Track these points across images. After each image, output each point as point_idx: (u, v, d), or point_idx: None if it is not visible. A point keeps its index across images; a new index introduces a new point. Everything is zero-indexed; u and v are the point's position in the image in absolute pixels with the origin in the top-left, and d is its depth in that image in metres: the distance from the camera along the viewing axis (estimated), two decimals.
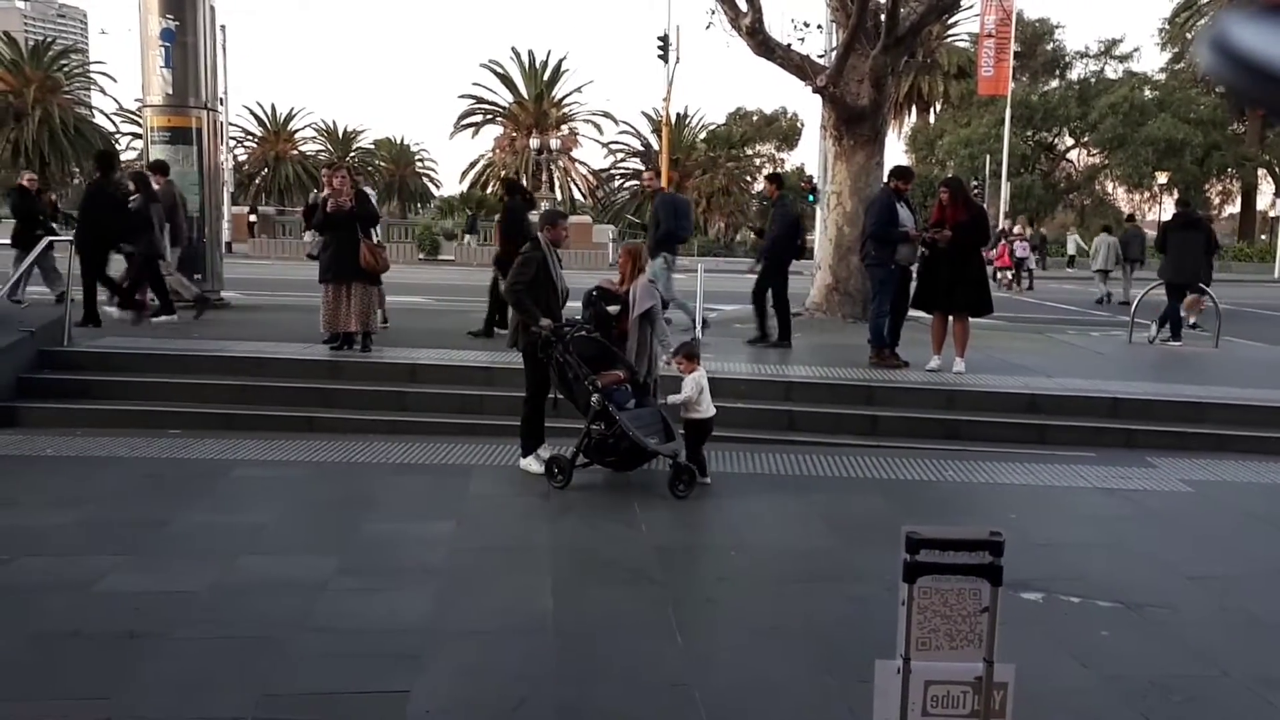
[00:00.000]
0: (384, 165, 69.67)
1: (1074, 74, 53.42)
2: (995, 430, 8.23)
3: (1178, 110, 44.94)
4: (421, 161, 73.73)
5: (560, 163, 58.48)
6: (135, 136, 50.44)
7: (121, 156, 50.31)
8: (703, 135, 58.00)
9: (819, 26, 16.54)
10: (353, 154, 66.10)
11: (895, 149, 53.43)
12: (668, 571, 5.10)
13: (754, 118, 59.88)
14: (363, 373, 9.01)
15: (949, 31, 51.79)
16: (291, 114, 65.62)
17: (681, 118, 54.88)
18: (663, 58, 34.99)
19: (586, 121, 60.13)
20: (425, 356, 9.43)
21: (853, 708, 3.50)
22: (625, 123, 59.88)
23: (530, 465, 6.69)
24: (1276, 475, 7.41)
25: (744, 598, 4.78)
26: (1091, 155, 52.01)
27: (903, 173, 10.06)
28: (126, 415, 8.07)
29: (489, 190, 51.02)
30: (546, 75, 58.74)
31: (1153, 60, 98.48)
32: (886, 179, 10.42)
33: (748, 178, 57.20)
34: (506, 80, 59.29)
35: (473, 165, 60.38)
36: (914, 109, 55.74)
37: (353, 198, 9.32)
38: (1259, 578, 5.24)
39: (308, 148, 66.16)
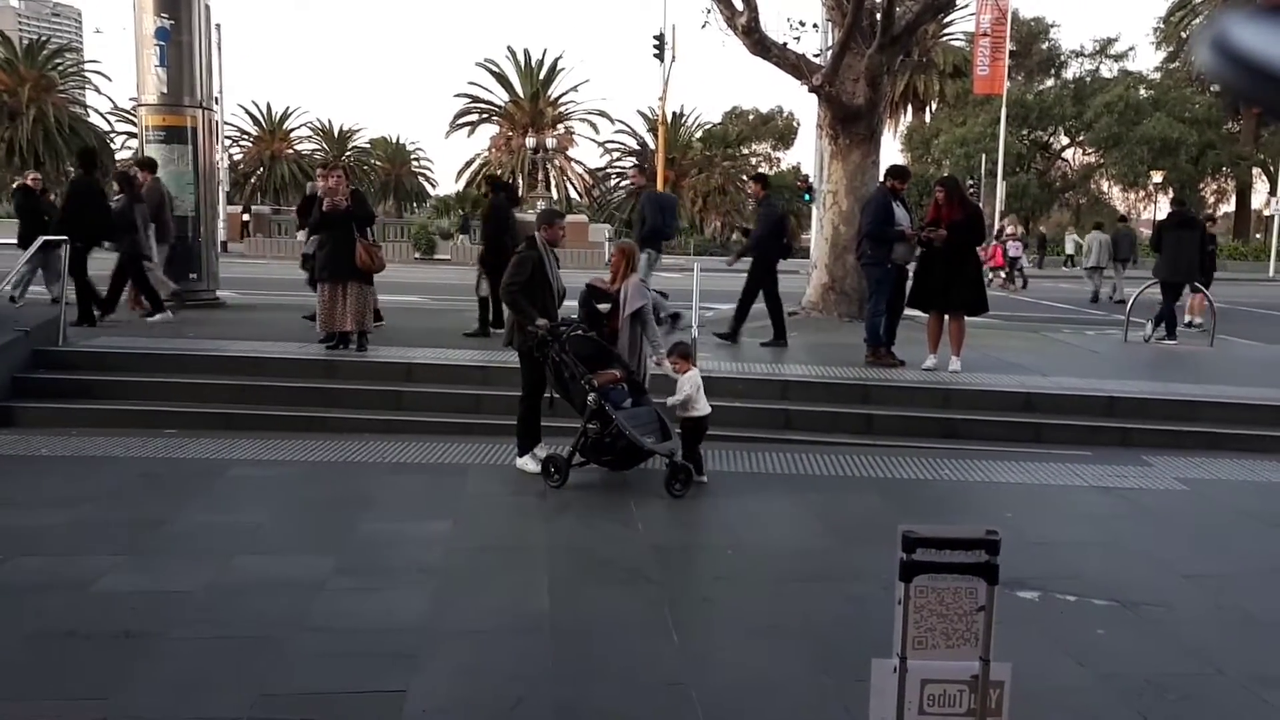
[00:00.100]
0: (380, 164, 69.63)
1: (1069, 73, 53.65)
2: (991, 429, 8.24)
3: (1173, 109, 45.04)
4: (417, 160, 73.74)
5: (556, 162, 58.43)
6: (130, 135, 50.39)
7: (116, 155, 50.42)
8: (699, 134, 57.99)
9: (815, 25, 16.54)
10: (348, 153, 66.05)
11: (891, 148, 53.63)
12: (664, 571, 5.10)
13: (750, 117, 59.92)
14: (359, 372, 9.01)
15: (944, 30, 51.85)
16: (287, 113, 65.69)
17: (677, 117, 54.89)
18: (658, 57, 34.99)
19: (582, 120, 60.18)
20: (421, 356, 9.43)
21: (849, 707, 3.50)
22: (621, 122, 60.16)
23: (526, 464, 6.69)
24: (1271, 473, 7.43)
25: (741, 597, 4.78)
26: (1087, 154, 52.13)
27: (899, 172, 10.07)
28: (122, 415, 8.06)
29: (484, 190, 50.87)
30: (542, 74, 58.70)
31: (1148, 59, 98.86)
32: (883, 178, 10.42)
33: (744, 177, 57.16)
34: (502, 79, 59.27)
35: (469, 164, 60.35)
36: (910, 108, 55.82)
37: (349, 197, 9.32)
38: (1254, 576, 5.26)
39: (303, 147, 66.16)
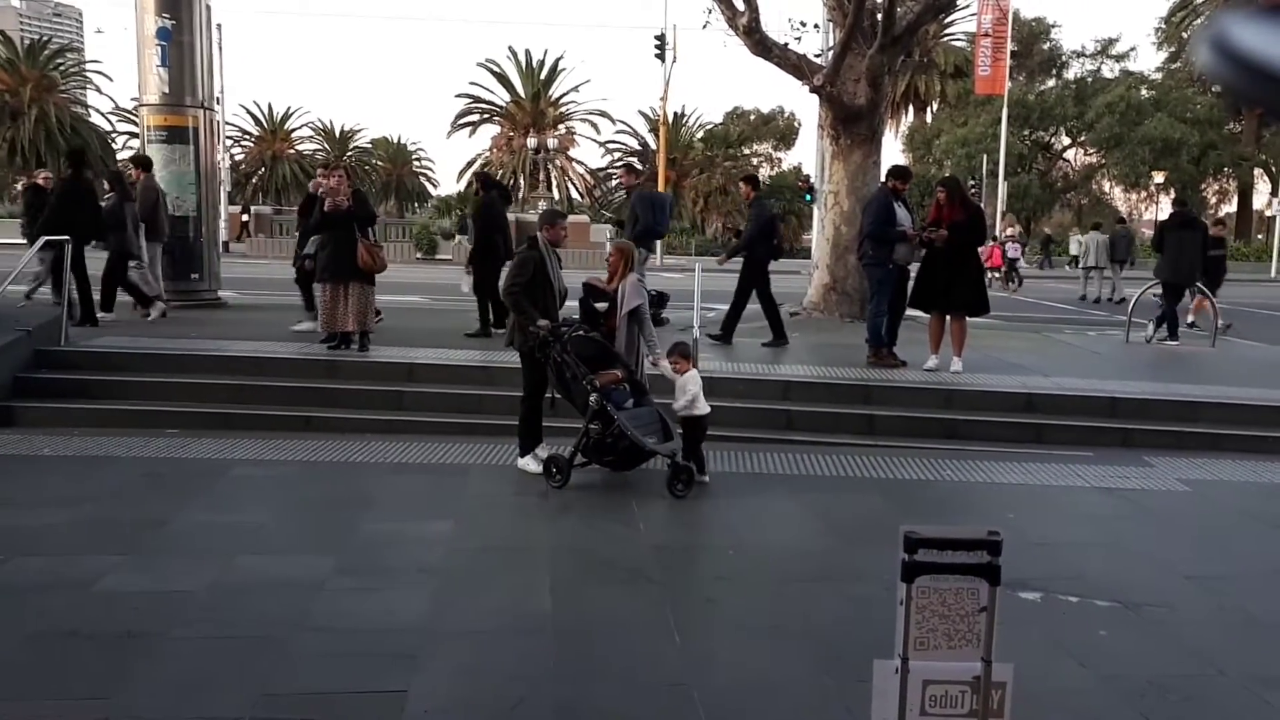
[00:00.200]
0: (381, 164, 69.62)
1: (1070, 73, 53.61)
2: (993, 430, 8.24)
3: (1174, 110, 45.02)
4: (419, 161, 73.72)
5: (557, 162, 58.44)
6: (132, 135, 50.39)
7: (118, 155, 50.46)
8: (700, 135, 57.94)
9: (816, 26, 16.59)
10: (350, 153, 66.04)
11: (892, 148, 53.56)
12: (666, 571, 5.10)
13: (751, 117, 59.84)
14: (360, 372, 9.01)
15: (946, 31, 51.83)
16: (288, 113, 65.63)
17: (679, 117, 54.87)
18: (660, 57, 35.08)
19: (584, 121, 60.14)
20: (423, 356, 9.43)
21: (851, 707, 3.50)
22: (622, 122, 59.99)
23: (528, 465, 6.69)
24: (1274, 474, 7.42)
25: (742, 597, 4.78)
26: (1088, 155, 52.10)
27: (900, 172, 10.06)
28: (124, 415, 8.06)
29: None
30: (543, 74, 58.69)
31: (1149, 60, 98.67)
32: (884, 178, 10.41)
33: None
34: (503, 79, 59.26)
35: (470, 165, 60.25)
36: (911, 108, 55.79)
37: (350, 197, 9.33)
38: (1256, 577, 5.26)
39: (305, 147, 66.10)
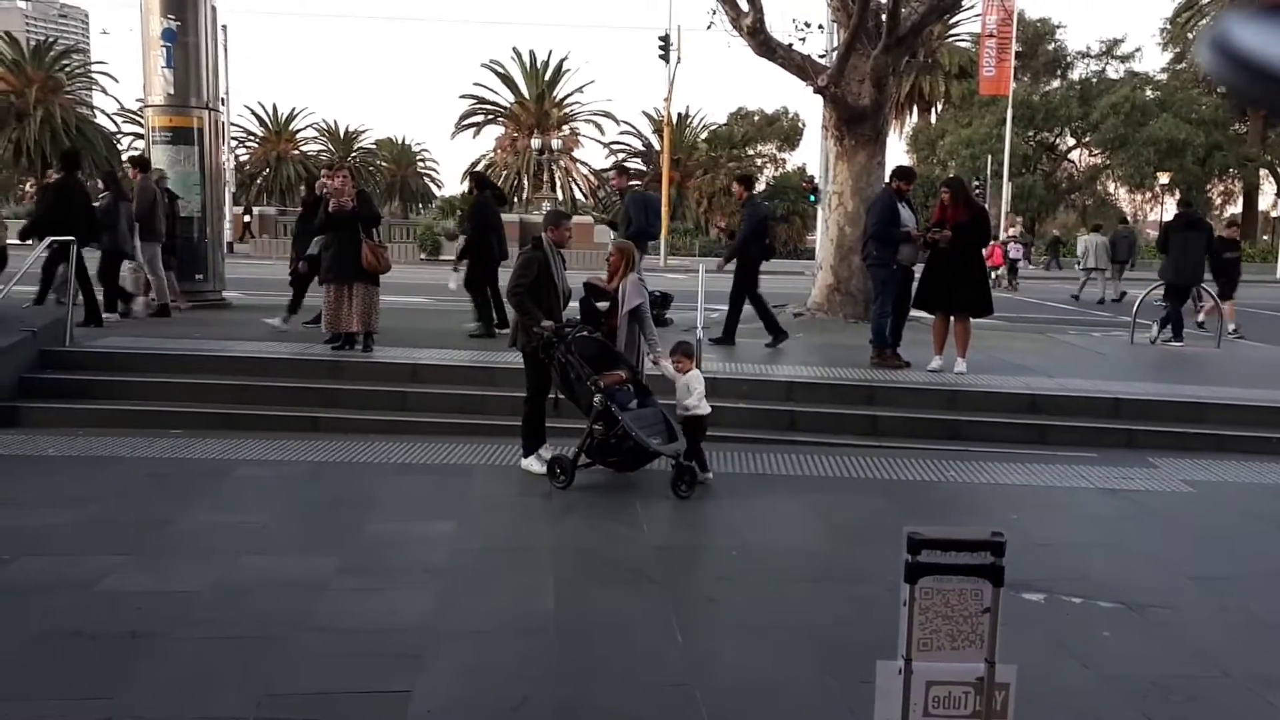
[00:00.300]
0: (385, 165, 69.70)
1: (1075, 74, 53.43)
2: (997, 430, 8.23)
3: (1179, 110, 44.91)
4: (423, 161, 73.87)
5: (561, 163, 58.48)
6: (137, 136, 50.44)
7: (124, 157, 50.51)
8: (704, 135, 57.92)
9: (820, 26, 16.55)
10: (354, 154, 66.13)
11: (896, 149, 53.38)
12: (669, 571, 5.11)
13: (755, 118, 59.78)
14: (364, 373, 9.02)
15: (950, 31, 51.76)
16: (293, 114, 65.73)
17: (683, 118, 54.87)
18: (664, 58, 35.09)
19: (588, 122, 60.17)
20: (426, 356, 9.43)
21: (854, 708, 3.49)
22: (626, 123, 59.90)
23: (531, 465, 6.69)
24: (1278, 475, 7.40)
25: (745, 598, 4.78)
26: (1093, 155, 51.98)
27: (905, 173, 10.06)
28: (128, 415, 8.08)
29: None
30: (548, 75, 58.73)
31: (1154, 60, 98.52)
32: (888, 179, 10.41)
33: (755, 178, 57.13)
34: (508, 80, 59.31)
35: (474, 165, 60.34)
36: (915, 109, 55.70)
37: (355, 198, 9.34)
38: (1260, 578, 5.25)
39: (309, 148, 66.24)
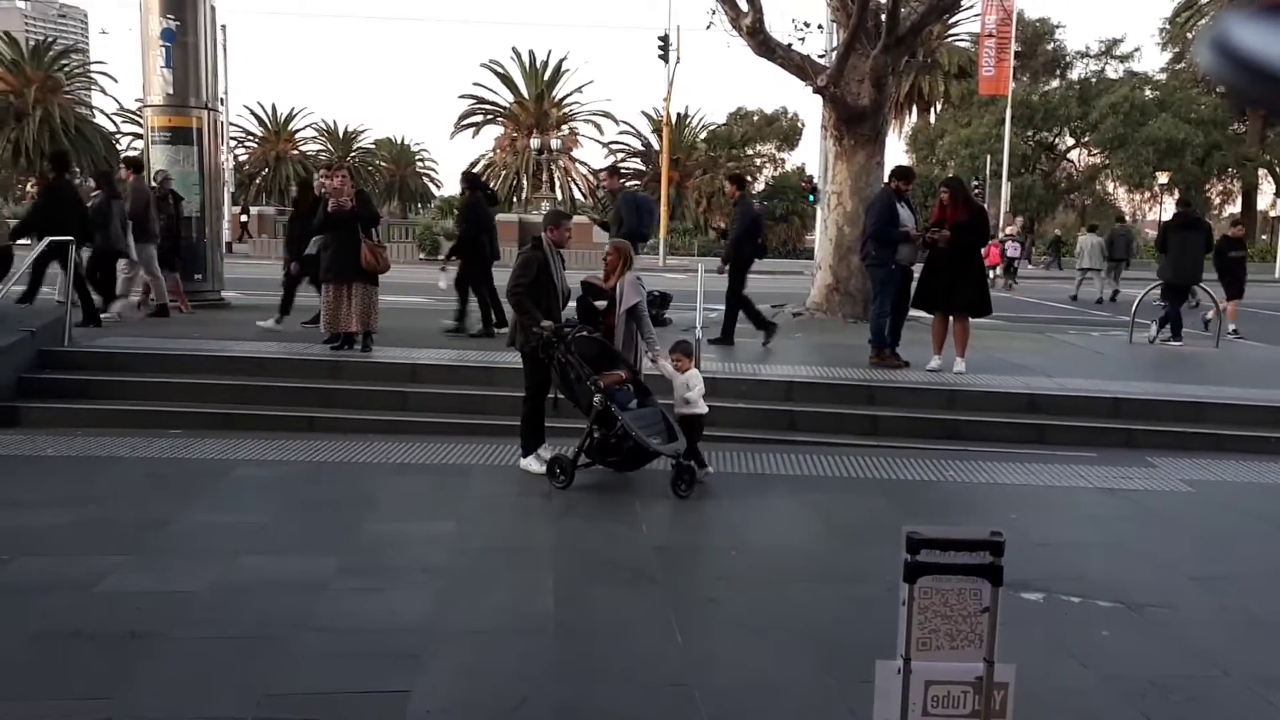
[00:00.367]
0: (384, 165, 69.67)
1: (1074, 74, 53.41)
2: (996, 430, 8.23)
3: (1178, 110, 44.90)
4: (422, 161, 73.84)
5: (560, 163, 58.47)
6: (136, 136, 50.42)
7: (123, 157, 50.49)
8: (703, 135, 57.93)
9: (819, 26, 16.58)
10: (353, 154, 66.10)
11: (896, 149, 53.44)
12: (668, 571, 5.11)
13: (754, 118, 59.79)
14: (363, 372, 9.02)
15: (950, 31, 51.76)
16: (292, 114, 65.65)
17: (682, 118, 54.85)
18: (663, 58, 35.10)
19: (587, 121, 60.15)
20: (425, 356, 9.43)
21: (853, 708, 3.50)
22: (626, 123, 59.87)
23: (531, 465, 6.69)
24: (1277, 475, 7.41)
25: (745, 598, 4.78)
26: (1092, 155, 51.95)
27: (904, 173, 10.06)
28: (127, 415, 8.08)
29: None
30: (547, 75, 58.73)
31: (1153, 60, 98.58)
32: (887, 179, 10.41)
33: (748, 178, 57.06)
34: (507, 80, 59.30)
35: (473, 165, 60.31)
36: (914, 109, 55.69)
37: (354, 198, 9.33)
38: (1259, 577, 5.25)
39: (308, 148, 66.17)
